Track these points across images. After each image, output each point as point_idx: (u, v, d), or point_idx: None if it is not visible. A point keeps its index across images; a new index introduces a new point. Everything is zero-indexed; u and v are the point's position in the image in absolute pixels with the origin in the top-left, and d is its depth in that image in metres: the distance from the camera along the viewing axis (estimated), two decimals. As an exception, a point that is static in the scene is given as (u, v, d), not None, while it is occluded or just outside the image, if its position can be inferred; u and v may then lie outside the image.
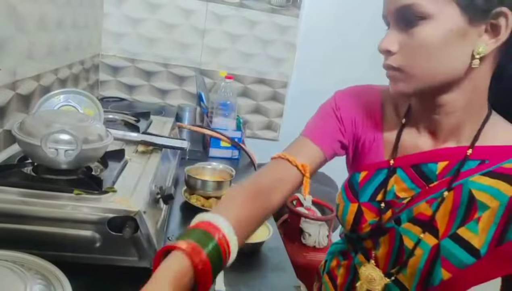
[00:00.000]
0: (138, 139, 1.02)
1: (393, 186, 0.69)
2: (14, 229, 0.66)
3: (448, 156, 0.65)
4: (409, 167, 0.68)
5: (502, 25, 0.56)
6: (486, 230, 0.61)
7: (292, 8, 2.03)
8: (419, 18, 0.57)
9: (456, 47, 0.57)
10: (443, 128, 0.66)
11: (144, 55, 1.97)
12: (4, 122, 0.99)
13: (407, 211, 0.67)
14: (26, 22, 1.05)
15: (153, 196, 0.80)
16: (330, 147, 0.74)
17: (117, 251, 0.70)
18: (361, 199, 0.72)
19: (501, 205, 0.60)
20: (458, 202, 0.62)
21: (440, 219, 0.64)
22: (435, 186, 0.65)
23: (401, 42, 0.60)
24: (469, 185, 0.62)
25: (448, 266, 0.63)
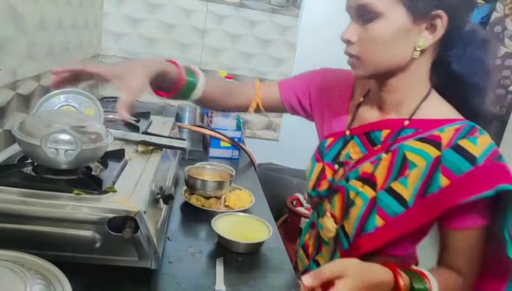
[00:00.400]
0: (138, 139, 1.02)
1: (349, 150, 0.84)
2: (14, 229, 0.66)
3: (390, 125, 0.79)
4: (363, 134, 0.83)
5: (438, 24, 0.69)
6: (413, 184, 0.74)
7: (292, 8, 2.03)
8: (373, 16, 0.69)
9: (402, 41, 0.71)
10: (387, 103, 0.80)
11: (144, 55, 1.97)
12: (4, 122, 0.99)
13: (355, 170, 0.81)
14: (26, 22, 1.06)
15: (153, 196, 0.80)
16: (287, 98, 0.98)
17: (117, 251, 0.70)
18: (325, 159, 0.88)
19: (427, 164, 0.73)
20: (394, 161, 0.76)
21: (379, 175, 0.77)
22: (378, 149, 0.80)
23: (359, 34, 0.73)
24: (403, 148, 0.76)
25: (382, 215, 0.75)
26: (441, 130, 0.74)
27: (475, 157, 0.69)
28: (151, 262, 0.71)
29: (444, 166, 0.71)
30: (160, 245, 0.76)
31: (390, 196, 0.76)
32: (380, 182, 0.77)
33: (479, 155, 0.69)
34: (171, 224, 0.97)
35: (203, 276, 0.79)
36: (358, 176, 0.80)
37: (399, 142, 0.77)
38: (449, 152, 0.71)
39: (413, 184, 0.74)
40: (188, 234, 0.96)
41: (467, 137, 0.71)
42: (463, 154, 0.70)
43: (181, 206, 1.08)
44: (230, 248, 0.89)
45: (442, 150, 0.72)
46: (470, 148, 0.70)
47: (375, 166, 0.78)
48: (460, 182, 0.69)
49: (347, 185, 0.81)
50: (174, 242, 0.90)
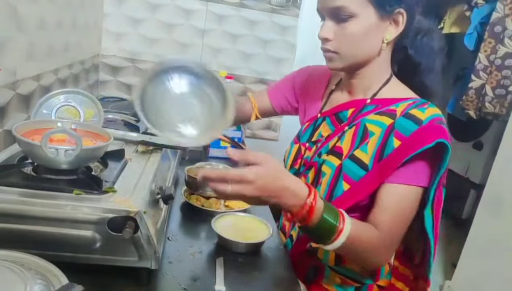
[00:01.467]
0: (138, 139, 1.02)
1: (321, 130, 0.96)
2: (14, 229, 0.66)
3: (355, 104, 0.91)
4: (332, 115, 0.95)
5: (400, 20, 0.81)
6: (372, 150, 0.84)
7: (292, 8, 2.03)
8: (347, 16, 0.79)
9: (373, 36, 0.82)
10: (357, 88, 0.92)
11: (144, 55, 1.97)
12: (4, 122, 0.99)
13: (326, 146, 0.91)
14: (26, 22, 1.05)
15: (153, 196, 0.80)
16: (277, 101, 1.14)
17: (117, 251, 0.70)
18: (301, 140, 1.00)
19: (382, 131, 0.83)
20: (357, 133, 0.87)
21: (345, 146, 0.87)
22: (344, 125, 0.91)
23: (335, 32, 0.82)
24: (365, 121, 0.87)
25: (347, 179, 0.84)
26: (397, 106, 0.85)
27: (421, 120, 0.80)
28: (151, 262, 0.71)
29: (396, 130, 0.81)
30: (160, 245, 0.76)
31: (353, 162, 0.85)
32: (345, 152, 0.87)
33: (424, 118, 0.80)
34: (171, 224, 0.97)
35: (203, 276, 0.79)
36: (328, 150, 0.90)
37: (361, 117, 0.88)
38: (401, 119, 0.82)
39: (371, 149, 0.84)
40: (188, 234, 0.96)
41: (418, 107, 0.82)
42: (412, 119, 0.81)
43: (181, 206, 1.08)
44: (230, 248, 0.89)
45: (396, 118, 0.83)
46: (418, 114, 0.81)
47: (342, 139, 0.88)
48: (408, 141, 0.79)
49: (319, 159, 0.91)
50: (174, 242, 0.90)
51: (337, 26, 0.81)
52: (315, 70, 1.09)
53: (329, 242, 0.72)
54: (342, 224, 0.72)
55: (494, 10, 2.05)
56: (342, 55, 0.84)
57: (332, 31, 0.82)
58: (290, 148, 1.02)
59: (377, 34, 0.82)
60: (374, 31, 0.81)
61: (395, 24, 0.82)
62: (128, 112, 1.29)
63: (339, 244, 0.72)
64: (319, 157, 0.91)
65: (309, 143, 0.97)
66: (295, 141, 1.02)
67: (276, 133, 2.20)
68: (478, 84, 2.15)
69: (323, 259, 0.91)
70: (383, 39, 0.83)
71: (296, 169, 0.97)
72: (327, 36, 0.82)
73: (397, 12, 0.80)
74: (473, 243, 1.99)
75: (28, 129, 0.80)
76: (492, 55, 2.07)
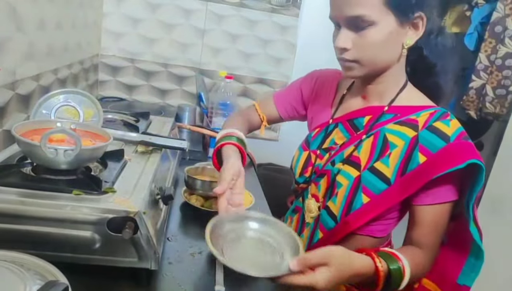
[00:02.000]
0: (138, 140, 1.02)
1: (334, 137, 0.93)
2: (13, 229, 0.66)
3: (372, 112, 0.88)
4: (346, 121, 0.91)
5: (420, 24, 0.79)
6: (394, 163, 0.82)
7: (292, 8, 2.03)
8: (367, 25, 0.76)
9: (393, 43, 0.80)
10: (372, 93, 0.89)
11: (144, 55, 1.97)
12: (3, 122, 0.99)
13: (340, 154, 0.88)
14: (26, 23, 1.05)
15: (152, 196, 0.80)
16: (284, 110, 1.10)
17: (117, 251, 0.70)
18: (311, 147, 0.96)
19: (405, 144, 0.81)
20: (376, 143, 0.84)
21: (363, 156, 0.85)
22: (361, 133, 0.88)
23: (354, 41, 0.79)
24: (384, 131, 0.84)
25: (367, 192, 0.83)
26: (417, 115, 0.83)
27: (448, 136, 0.78)
28: (150, 262, 0.71)
29: (421, 145, 0.79)
30: (160, 245, 0.75)
31: (373, 174, 0.83)
32: (363, 163, 0.85)
33: (451, 133, 0.78)
34: (171, 224, 0.97)
35: (203, 276, 0.79)
36: (343, 159, 0.87)
37: (380, 126, 0.85)
38: (425, 132, 0.80)
39: (394, 163, 0.82)
40: (188, 234, 0.96)
41: (441, 120, 0.81)
42: (438, 133, 0.79)
43: (180, 206, 1.08)
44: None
45: (419, 131, 0.81)
46: (443, 129, 0.79)
47: (359, 148, 0.86)
48: (436, 158, 0.77)
49: (333, 168, 0.89)
50: (174, 242, 0.90)
51: (356, 35, 0.78)
52: (322, 75, 1.06)
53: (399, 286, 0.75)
54: (402, 262, 0.74)
55: (495, 10, 2.05)
56: (362, 64, 0.81)
57: (350, 40, 0.78)
58: (298, 154, 0.99)
59: (398, 40, 0.80)
60: (395, 38, 0.79)
61: (414, 29, 0.80)
62: (128, 112, 1.29)
63: (406, 282, 0.75)
64: (333, 165, 0.89)
65: (320, 150, 0.94)
66: (304, 147, 0.99)
67: (276, 134, 2.20)
68: (478, 84, 2.15)
69: None
70: (403, 44, 0.81)
71: (307, 177, 0.95)
72: (346, 46, 0.79)
73: (417, 16, 0.78)
74: (473, 243, 1.99)
75: (28, 129, 0.80)
76: (493, 55, 2.07)
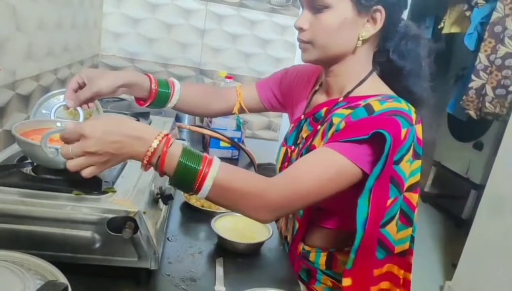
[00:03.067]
0: (138, 140, 1.01)
1: (302, 131, 0.94)
2: (13, 229, 0.66)
3: (329, 104, 0.89)
4: (311, 115, 0.93)
5: (378, 18, 0.80)
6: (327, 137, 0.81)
7: (292, 8, 2.03)
8: (323, 7, 0.78)
9: (348, 31, 0.80)
10: (333, 87, 0.90)
11: (144, 55, 1.97)
12: (3, 122, 0.99)
13: (307, 147, 0.89)
14: (26, 22, 1.05)
15: (152, 196, 0.80)
16: (265, 96, 1.09)
17: (117, 251, 0.70)
18: (288, 143, 0.98)
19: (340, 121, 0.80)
20: (325, 128, 0.84)
21: (317, 143, 0.85)
22: (319, 124, 0.89)
23: (311, 22, 0.81)
24: (333, 116, 0.84)
25: None
26: (365, 101, 0.82)
27: (374, 110, 0.77)
28: (150, 262, 0.71)
29: (349, 116, 0.79)
30: (160, 245, 0.76)
31: None
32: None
33: (378, 109, 0.77)
34: (171, 224, 0.97)
35: (203, 276, 0.79)
36: (307, 150, 0.88)
37: (331, 113, 0.86)
38: (359, 108, 0.79)
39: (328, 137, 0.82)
40: (188, 234, 0.96)
41: (380, 100, 0.79)
42: (367, 108, 0.78)
43: (180, 206, 1.08)
44: (230, 248, 0.88)
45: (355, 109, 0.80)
46: (375, 105, 0.78)
47: (315, 137, 0.87)
48: (351, 124, 0.76)
49: None
50: (174, 242, 0.90)
51: (313, 17, 0.80)
52: (303, 70, 1.05)
53: (196, 189, 0.66)
54: (207, 168, 0.65)
55: (494, 10, 2.05)
56: (315, 46, 0.82)
57: (308, 21, 0.81)
58: (278, 151, 1.01)
59: (352, 29, 0.80)
60: (349, 25, 0.79)
61: (372, 22, 0.80)
62: (128, 112, 1.29)
63: (207, 190, 0.65)
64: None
65: (294, 145, 0.96)
66: (283, 143, 1.01)
67: (276, 133, 2.20)
68: (478, 84, 2.15)
69: (315, 262, 0.91)
70: (358, 36, 0.81)
71: None
72: (302, 26, 0.81)
73: (375, 9, 0.79)
74: (473, 243, 1.99)
75: (28, 129, 0.80)
76: (492, 55, 2.07)
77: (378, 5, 0.79)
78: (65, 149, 0.62)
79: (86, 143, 0.60)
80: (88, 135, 0.60)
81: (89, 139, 0.60)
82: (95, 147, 0.60)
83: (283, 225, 1.03)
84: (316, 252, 0.90)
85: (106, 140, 0.61)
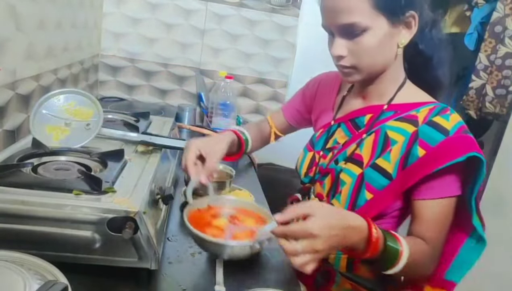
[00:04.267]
0: (138, 140, 1.02)
1: (336, 136, 0.94)
2: (13, 229, 0.66)
3: (373, 110, 0.89)
4: (348, 121, 0.93)
5: (412, 22, 0.80)
6: (395, 158, 0.82)
7: (292, 8, 2.03)
8: (360, 31, 0.77)
9: (388, 45, 0.81)
10: (372, 93, 0.90)
11: (144, 55, 1.97)
12: (3, 122, 0.99)
13: (343, 153, 0.89)
14: (26, 22, 1.05)
15: (152, 196, 0.80)
16: (291, 116, 1.16)
17: (117, 251, 0.70)
18: (316, 148, 0.98)
19: (405, 139, 0.82)
20: (377, 140, 0.85)
21: (365, 154, 0.86)
22: (362, 132, 0.89)
23: (349, 48, 0.80)
24: (385, 128, 0.85)
25: (370, 189, 0.84)
26: (417, 111, 0.84)
27: (447, 130, 0.78)
28: (150, 262, 0.71)
29: (421, 139, 0.79)
30: (160, 245, 0.75)
31: (375, 171, 0.84)
32: (366, 160, 0.85)
33: (450, 127, 0.79)
34: (171, 224, 0.97)
35: (203, 276, 0.79)
36: (346, 157, 0.88)
37: (381, 123, 0.86)
38: (425, 127, 0.80)
39: (395, 158, 0.82)
40: (188, 234, 0.96)
41: (440, 114, 0.81)
42: (437, 128, 0.79)
43: (180, 206, 1.08)
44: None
45: (418, 126, 0.81)
46: (443, 123, 0.79)
47: (361, 146, 0.87)
48: (435, 151, 0.77)
49: (336, 166, 0.89)
50: (174, 242, 0.90)
51: (350, 42, 0.79)
52: (325, 78, 1.08)
53: (391, 267, 0.73)
54: (402, 246, 0.72)
55: (495, 10, 2.05)
56: (360, 69, 0.82)
57: (346, 47, 0.80)
58: (303, 155, 1.00)
59: (392, 41, 0.81)
60: (389, 40, 0.80)
61: (407, 28, 0.81)
62: (128, 112, 1.29)
63: (401, 266, 0.72)
64: (336, 164, 0.90)
65: (323, 151, 0.95)
66: (308, 148, 1.00)
67: (276, 134, 2.20)
68: (478, 84, 2.15)
69: (335, 264, 0.90)
70: (398, 44, 0.81)
71: (311, 177, 0.96)
72: (342, 54, 0.81)
73: (408, 15, 0.79)
74: (473, 243, 1.98)
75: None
76: (493, 55, 2.07)
77: (410, 11, 0.78)
78: (291, 247, 0.63)
79: (316, 242, 0.63)
80: (317, 235, 0.63)
81: (318, 238, 0.63)
82: (324, 244, 0.63)
83: None
84: (336, 254, 0.90)
85: (331, 235, 0.64)
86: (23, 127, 1.09)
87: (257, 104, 2.14)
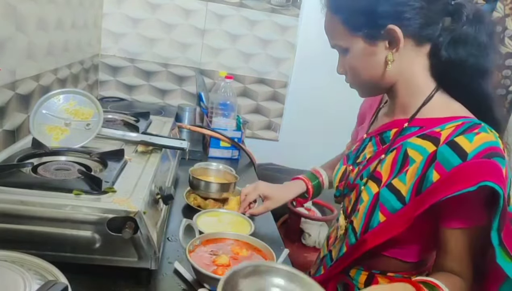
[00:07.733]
0: (138, 140, 1.02)
1: (366, 151, 0.90)
2: (13, 229, 0.66)
3: (397, 125, 0.84)
4: (377, 135, 0.88)
5: (396, 37, 0.74)
6: (411, 181, 0.76)
7: (292, 8, 2.03)
8: (345, 52, 0.80)
9: (371, 62, 0.79)
10: (395, 107, 0.86)
11: (144, 55, 1.97)
12: (3, 122, 0.99)
13: (367, 169, 0.85)
14: (26, 22, 1.05)
15: (152, 196, 0.80)
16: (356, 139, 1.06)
17: (117, 251, 0.70)
18: (349, 161, 0.94)
19: (423, 160, 0.75)
20: (397, 158, 0.80)
21: (384, 172, 0.81)
22: (385, 147, 0.84)
23: (344, 66, 0.84)
24: (406, 145, 0.79)
25: (384, 211, 0.78)
26: (442, 128, 0.75)
27: (466, 153, 0.69)
28: (150, 262, 0.71)
29: (438, 162, 0.72)
30: (160, 245, 0.76)
31: (390, 192, 0.78)
32: (384, 178, 0.80)
33: (470, 151, 0.69)
34: (171, 224, 0.97)
35: (203, 276, 0.79)
36: (369, 174, 0.84)
37: (403, 140, 0.80)
38: (444, 147, 0.72)
39: (410, 180, 0.76)
40: (188, 234, 0.96)
41: (465, 133, 0.71)
42: (456, 150, 0.70)
43: (180, 206, 1.08)
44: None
45: (439, 145, 0.73)
46: (464, 144, 0.70)
47: (382, 163, 0.82)
48: (448, 177, 0.69)
49: (361, 182, 0.85)
50: (174, 242, 0.90)
51: (344, 59, 0.83)
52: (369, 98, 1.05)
53: None
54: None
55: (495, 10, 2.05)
56: (356, 85, 0.85)
57: (341, 65, 0.85)
58: (338, 168, 0.98)
59: (376, 58, 0.77)
60: (371, 57, 0.78)
61: (392, 42, 0.75)
62: (128, 112, 1.29)
63: None
64: (361, 180, 0.86)
65: (353, 165, 0.92)
66: (344, 161, 0.97)
67: (276, 134, 2.20)
68: (478, 84, 2.15)
69: (354, 278, 0.88)
70: (386, 60, 0.77)
71: (341, 190, 0.94)
72: (339, 71, 0.86)
73: (387, 30, 0.74)
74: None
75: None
76: (492, 55, 2.07)
77: (386, 26, 0.73)
78: None
79: None
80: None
81: None
82: None
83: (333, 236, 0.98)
84: (358, 269, 0.87)
85: None
86: (23, 127, 1.09)
87: (257, 104, 2.14)
